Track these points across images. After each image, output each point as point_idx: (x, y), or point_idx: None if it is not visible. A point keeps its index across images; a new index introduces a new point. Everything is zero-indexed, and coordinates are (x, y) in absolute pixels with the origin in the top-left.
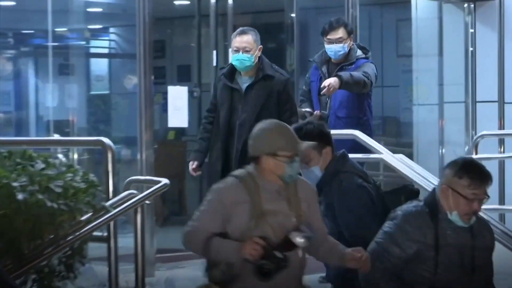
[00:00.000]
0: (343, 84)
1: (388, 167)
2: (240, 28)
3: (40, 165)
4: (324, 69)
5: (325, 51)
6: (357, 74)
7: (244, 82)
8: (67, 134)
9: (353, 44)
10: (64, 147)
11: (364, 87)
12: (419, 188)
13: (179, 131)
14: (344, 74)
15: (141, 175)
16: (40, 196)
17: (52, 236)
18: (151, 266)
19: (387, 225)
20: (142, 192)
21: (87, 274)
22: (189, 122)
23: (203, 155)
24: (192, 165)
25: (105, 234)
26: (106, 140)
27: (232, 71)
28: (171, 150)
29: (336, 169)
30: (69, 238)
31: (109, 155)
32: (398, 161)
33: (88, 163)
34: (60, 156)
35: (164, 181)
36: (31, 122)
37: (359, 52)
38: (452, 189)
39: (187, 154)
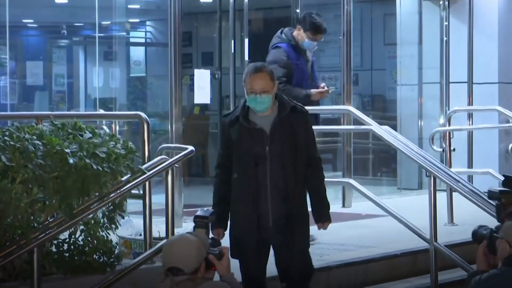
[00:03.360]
0: None
1: (376, 137)
2: (253, 65)
3: (88, 134)
4: (308, 54)
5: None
6: None
7: (263, 121)
8: (110, 109)
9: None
10: (107, 120)
11: None
12: (403, 153)
13: (203, 106)
14: None
15: (172, 143)
16: (87, 161)
17: (97, 194)
18: (179, 219)
19: None
20: (172, 157)
21: (126, 225)
22: (211, 99)
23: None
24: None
25: (141, 192)
26: (142, 114)
27: (246, 113)
28: (197, 122)
29: None
30: (111, 195)
31: (145, 127)
32: (385, 132)
33: (127, 133)
34: (104, 127)
35: (191, 148)
36: (81, 99)
37: None
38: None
39: (210, 126)
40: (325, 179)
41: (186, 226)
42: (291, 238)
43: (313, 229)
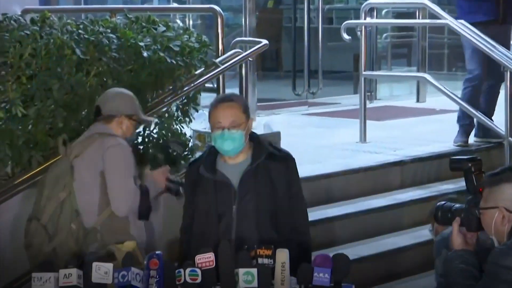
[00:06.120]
0: None
1: (451, 31)
2: (221, 95)
3: (161, 28)
4: None
5: None
6: None
7: (233, 171)
8: (184, 3)
9: None
10: (181, 13)
11: None
12: (478, 47)
13: (277, 0)
14: None
15: (245, 37)
16: (161, 54)
17: (171, 87)
18: (252, 113)
19: None
20: (246, 51)
21: (200, 119)
22: None
23: None
24: None
25: (215, 85)
26: (216, 7)
27: (212, 160)
28: (270, 16)
29: None
30: (185, 89)
31: (219, 20)
32: (460, 26)
33: (201, 27)
34: (178, 21)
35: (264, 41)
36: None
37: None
38: None
39: (283, 20)
40: (400, 74)
41: (259, 120)
42: None
43: None
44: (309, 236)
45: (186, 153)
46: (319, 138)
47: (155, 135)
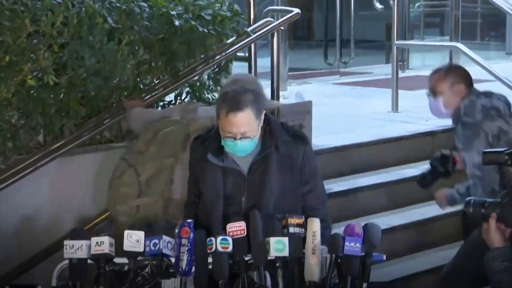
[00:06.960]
0: None
1: (485, 1)
2: (231, 97)
3: None
4: None
5: None
6: None
7: (243, 157)
8: None
9: None
10: None
11: None
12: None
13: None
14: None
15: (277, 5)
16: (193, 23)
17: (202, 56)
18: (284, 82)
19: None
20: (277, 20)
21: None
22: None
23: None
24: None
25: (247, 54)
26: None
27: (220, 142)
28: None
29: None
30: (216, 58)
31: None
32: None
33: None
34: None
35: (296, 10)
36: None
37: None
38: None
39: None
40: (432, 43)
41: (291, 89)
42: None
43: None
44: (327, 224)
45: None
46: (350, 107)
47: None
